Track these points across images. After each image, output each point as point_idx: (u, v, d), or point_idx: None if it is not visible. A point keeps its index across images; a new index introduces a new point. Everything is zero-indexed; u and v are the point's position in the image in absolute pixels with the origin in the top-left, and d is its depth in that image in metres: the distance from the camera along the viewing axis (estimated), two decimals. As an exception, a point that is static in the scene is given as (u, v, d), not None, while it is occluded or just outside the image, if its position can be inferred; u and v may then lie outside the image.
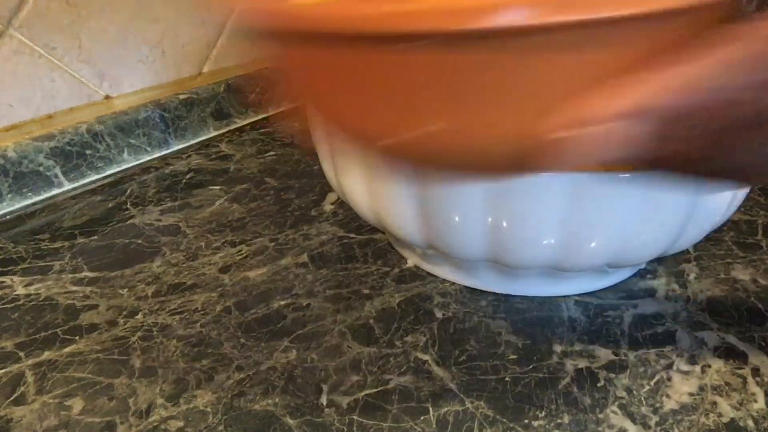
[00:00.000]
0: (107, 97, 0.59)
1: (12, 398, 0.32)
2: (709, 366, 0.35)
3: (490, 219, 0.34)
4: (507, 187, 0.32)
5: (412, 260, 0.44)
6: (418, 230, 0.36)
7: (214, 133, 0.65)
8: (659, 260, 0.44)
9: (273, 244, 0.46)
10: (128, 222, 0.50)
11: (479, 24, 0.17)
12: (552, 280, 0.39)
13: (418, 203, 0.35)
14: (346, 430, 0.31)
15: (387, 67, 0.19)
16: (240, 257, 0.45)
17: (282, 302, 0.40)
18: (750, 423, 0.31)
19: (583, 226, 0.33)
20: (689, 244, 0.37)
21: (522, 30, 0.16)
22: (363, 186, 0.38)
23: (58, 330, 0.38)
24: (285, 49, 0.22)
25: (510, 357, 0.35)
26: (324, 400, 0.32)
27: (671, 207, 0.33)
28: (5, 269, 0.45)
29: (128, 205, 0.53)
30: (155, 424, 0.31)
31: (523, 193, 0.32)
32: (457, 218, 0.34)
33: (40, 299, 0.41)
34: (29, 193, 0.54)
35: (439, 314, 0.39)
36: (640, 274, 0.43)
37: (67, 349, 0.36)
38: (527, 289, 0.40)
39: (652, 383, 0.34)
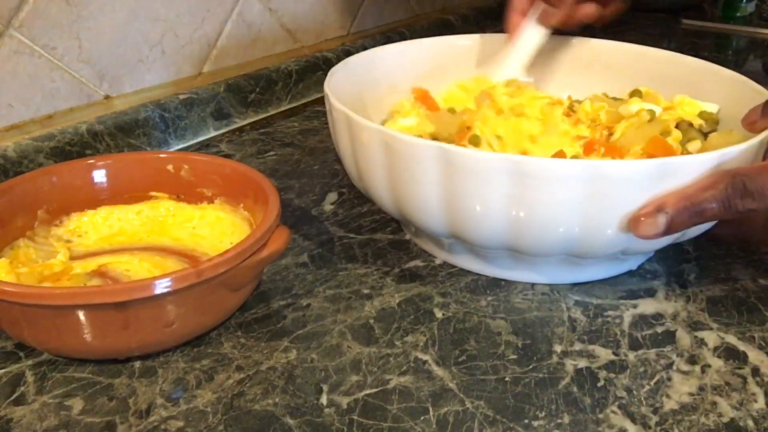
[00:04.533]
0: (107, 97, 0.59)
1: (12, 398, 0.32)
2: (709, 366, 0.35)
3: (509, 208, 0.35)
4: (526, 176, 0.34)
5: (440, 257, 0.44)
6: (440, 220, 0.38)
7: (214, 133, 0.65)
8: (659, 260, 0.44)
9: (273, 244, 0.46)
10: (128, 222, 0.50)
11: None
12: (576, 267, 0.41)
13: (441, 194, 0.36)
14: (346, 430, 0.31)
15: None
16: (240, 257, 0.45)
17: (282, 302, 0.40)
18: (750, 423, 0.31)
19: (600, 214, 0.35)
20: (699, 231, 0.38)
21: None
22: (385, 179, 0.39)
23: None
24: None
25: (510, 357, 0.35)
26: (324, 400, 0.32)
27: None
28: (5, 269, 0.45)
29: (128, 205, 0.53)
30: (155, 424, 0.31)
31: (540, 182, 0.34)
32: (478, 208, 0.36)
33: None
34: (29, 193, 0.54)
35: (439, 314, 0.39)
36: (640, 274, 0.43)
37: (67, 349, 0.36)
38: (554, 277, 0.41)
39: (652, 383, 0.34)
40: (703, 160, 0.34)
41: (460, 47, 0.56)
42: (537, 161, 0.34)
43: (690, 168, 0.34)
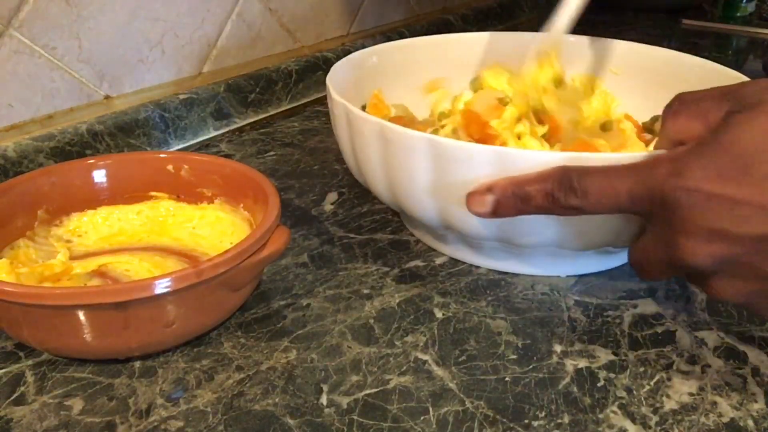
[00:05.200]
0: (107, 97, 0.59)
1: (12, 398, 0.32)
2: (709, 366, 0.35)
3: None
4: (512, 168, 0.34)
5: (447, 253, 0.44)
6: (433, 210, 0.39)
7: (214, 133, 0.65)
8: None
9: (273, 244, 0.46)
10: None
11: None
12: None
13: (432, 184, 0.37)
14: (346, 430, 0.31)
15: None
16: (240, 257, 0.45)
17: (282, 302, 0.40)
18: (750, 423, 0.31)
19: None
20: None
21: None
22: (381, 169, 0.40)
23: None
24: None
25: (510, 357, 0.35)
26: (324, 400, 0.32)
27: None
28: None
29: (128, 205, 0.53)
30: (155, 424, 0.31)
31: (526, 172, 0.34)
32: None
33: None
34: (29, 193, 0.54)
35: (439, 314, 0.39)
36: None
37: (67, 349, 0.36)
38: (561, 269, 0.42)
39: (652, 383, 0.34)
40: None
41: (463, 44, 0.56)
42: (516, 152, 0.35)
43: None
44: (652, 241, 0.32)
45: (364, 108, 0.48)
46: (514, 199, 0.34)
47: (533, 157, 0.34)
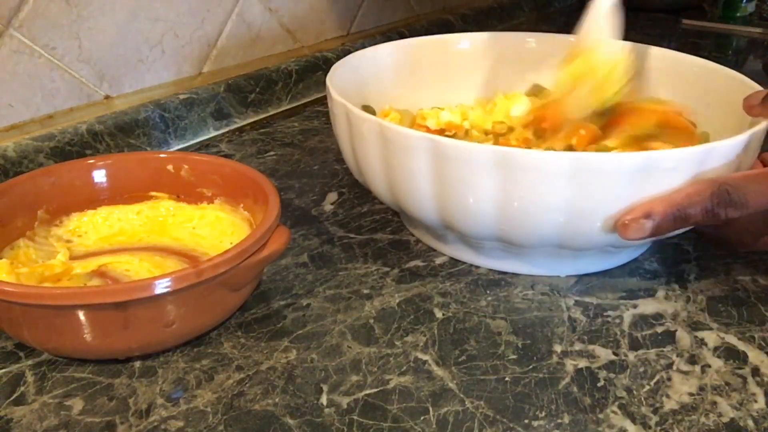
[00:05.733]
0: (107, 97, 0.59)
1: (12, 398, 0.32)
2: (709, 366, 0.35)
3: (498, 199, 0.36)
4: (514, 167, 0.35)
5: (447, 253, 0.44)
6: (433, 210, 0.39)
7: (214, 133, 0.65)
8: (659, 260, 0.44)
9: (273, 244, 0.46)
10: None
11: None
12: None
13: (433, 183, 0.37)
14: (346, 430, 0.31)
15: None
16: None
17: (282, 302, 0.40)
18: (750, 423, 0.31)
19: (588, 206, 0.35)
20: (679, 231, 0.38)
21: None
22: (381, 169, 0.40)
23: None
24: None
25: (510, 357, 0.35)
26: (324, 400, 0.32)
27: (671, 189, 0.35)
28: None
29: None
30: (155, 424, 0.31)
31: (529, 173, 0.35)
32: (469, 198, 0.37)
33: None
34: (29, 193, 0.54)
35: (439, 314, 0.39)
36: (640, 274, 0.43)
37: (67, 349, 0.36)
38: (562, 269, 0.42)
39: (652, 383, 0.34)
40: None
41: (463, 45, 0.56)
42: (521, 153, 0.35)
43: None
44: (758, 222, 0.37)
45: (370, 110, 0.48)
46: (674, 220, 0.35)
47: (535, 158, 0.34)
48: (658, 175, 0.35)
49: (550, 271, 0.42)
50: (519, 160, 0.35)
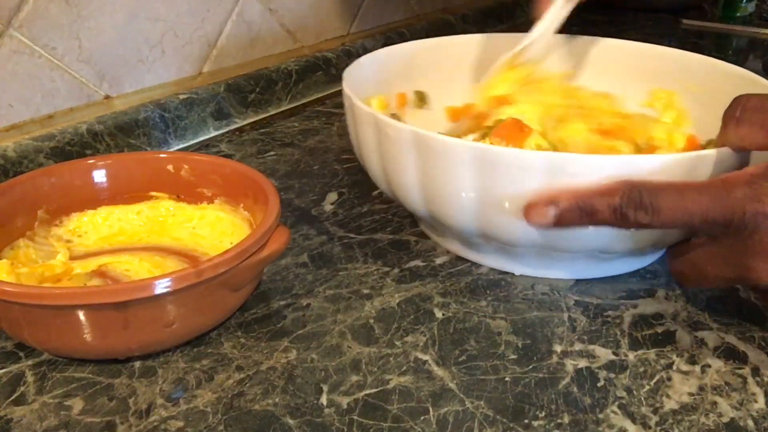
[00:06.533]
0: (107, 97, 0.59)
1: (12, 398, 0.32)
2: (709, 366, 0.35)
3: (475, 192, 0.36)
4: (492, 162, 0.35)
5: (451, 249, 0.44)
6: (420, 200, 0.39)
7: (214, 133, 0.65)
8: (659, 260, 0.44)
9: (273, 244, 0.46)
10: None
11: None
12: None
13: (418, 173, 0.38)
14: (346, 430, 0.31)
15: None
16: (240, 257, 0.45)
17: (282, 302, 0.40)
18: (750, 423, 0.31)
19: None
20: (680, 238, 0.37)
21: None
22: (376, 157, 0.40)
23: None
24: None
25: (510, 357, 0.35)
26: (324, 400, 0.32)
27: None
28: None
29: (128, 205, 0.53)
30: (155, 424, 0.31)
31: (505, 168, 0.35)
32: (448, 190, 0.37)
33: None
34: (29, 193, 0.54)
35: (439, 314, 0.39)
36: (640, 274, 0.43)
37: (67, 349, 0.36)
38: (560, 273, 0.42)
39: (652, 383, 0.34)
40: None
41: (472, 46, 0.57)
42: (500, 150, 0.35)
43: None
44: (713, 258, 0.33)
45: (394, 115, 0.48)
46: (579, 212, 0.33)
47: (514, 156, 0.35)
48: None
49: (550, 274, 0.42)
50: (496, 156, 0.35)
